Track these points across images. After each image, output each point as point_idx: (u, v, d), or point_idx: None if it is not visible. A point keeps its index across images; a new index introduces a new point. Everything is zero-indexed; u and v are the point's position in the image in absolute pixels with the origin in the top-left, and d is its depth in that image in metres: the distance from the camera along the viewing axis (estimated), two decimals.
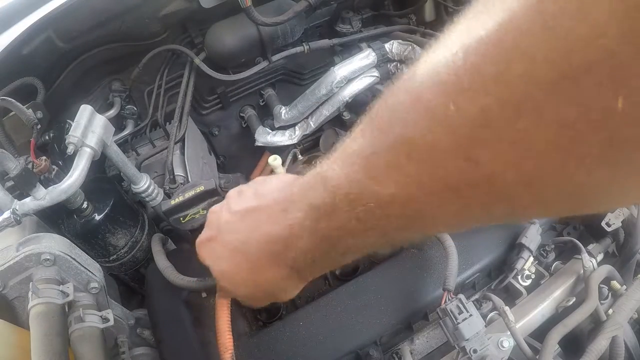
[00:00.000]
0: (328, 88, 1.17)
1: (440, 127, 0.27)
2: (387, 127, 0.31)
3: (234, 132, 1.38)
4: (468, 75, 0.25)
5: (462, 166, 0.27)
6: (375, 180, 0.32)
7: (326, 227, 0.38)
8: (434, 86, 0.27)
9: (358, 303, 0.78)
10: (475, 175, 0.27)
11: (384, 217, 0.33)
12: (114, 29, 1.02)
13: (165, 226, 1.09)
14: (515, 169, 0.25)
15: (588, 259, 0.83)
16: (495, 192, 0.27)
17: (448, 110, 0.26)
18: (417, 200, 0.31)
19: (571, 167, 0.23)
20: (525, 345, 0.72)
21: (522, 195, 0.27)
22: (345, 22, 1.30)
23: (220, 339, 0.56)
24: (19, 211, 0.75)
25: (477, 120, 0.25)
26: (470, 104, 0.25)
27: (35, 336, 0.58)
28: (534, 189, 0.26)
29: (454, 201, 0.29)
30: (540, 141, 0.23)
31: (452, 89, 0.25)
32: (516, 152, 0.24)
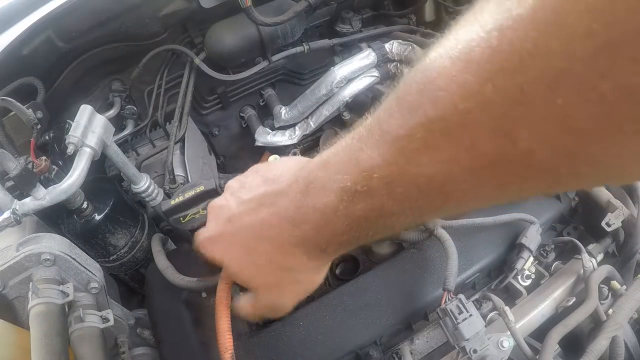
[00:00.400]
0: (328, 88, 1.17)
1: (476, 105, 0.27)
2: (419, 107, 0.30)
3: (234, 132, 1.38)
4: (505, 53, 0.24)
5: (501, 143, 0.27)
6: (412, 162, 0.32)
7: (362, 209, 0.37)
8: (468, 65, 0.27)
9: (358, 303, 0.78)
10: (514, 152, 0.27)
11: (422, 197, 0.33)
12: (114, 29, 1.02)
13: (165, 226, 1.09)
14: (553, 144, 0.25)
15: (588, 259, 0.83)
16: (534, 168, 0.27)
17: (485, 89, 0.26)
18: (455, 179, 0.31)
19: (608, 140, 0.24)
20: (525, 345, 0.72)
21: (560, 169, 0.27)
22: (345, 22, 1.30)
23: (221, 339, 0.56)
24: (19, 211, 0.75)
25: (514, 98, 0.25)
26: (508, 83, 0.25)
27: (35, 336, 0.58)
28: (571, 162, 0.26)
29: (493, 178, 0.30)
30: (577, 116, 0.23)
31: (489, 68, 0.25)
32: (554, 128, 0.25)
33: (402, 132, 0.32)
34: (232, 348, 0.55)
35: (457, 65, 0.27)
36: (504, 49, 0.25)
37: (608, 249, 0.91)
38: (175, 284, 0.76)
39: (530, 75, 0.24)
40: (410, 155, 0.32)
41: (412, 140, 0.31)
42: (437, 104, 0.29)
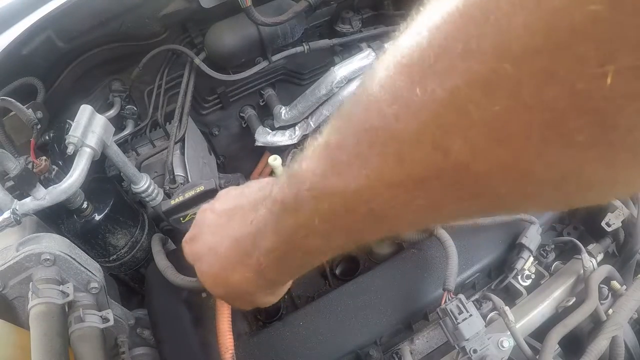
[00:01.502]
0: (328, 88, 1.17)
1: (405, 113, 0.24)
2: (352, 116, 0.29)
3: (234, 132, 1.38)
4: (433, 55, 0.22)
5: (430, 156, 0.24)
6: (339, 175, 0.30)
7: (290, 226, 0.36)
8: (399, 70, 0.25)
9: (358, 303, 0.78)
10: (445, 166, 0.24)
11: (348, 216, 0.31)
12: (114, 29, 1.02)
13: (165, 226, 1.09)
14: (488, 157, 0.23)
15: (588, 259, 0.83)
16: (468, 184, 0.25)
17: (414, 94, 0.23)
18: (382, 196, 0.28)
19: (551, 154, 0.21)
20: (525, 345, 0.72)
21: (498, 186, 0.24)
22: (345, 22, 1.30)
23: (221, 339, 0.56)
24: (19, 211, 0.75)
25: (445, 104, 0.22)
26: (437, 86, 0.22)
27: (35, 336, 0.58)
28: (511, 179, 0.23)
29: (422, 195, 0.27)
30: (515, 125, 0.21)
31: (417, 71, 0.23)
32: (489, 138, 0.22)
33: (334, 143, 0.30)
34: (233, 348, 0.55)
35: (388, 70, 0.26)
36: (433, 50, 0.23)
37: (608, 249, 0.91)
38: (175, 284, 0.76)
39: (461, 78, 0.21)
40: (339, 167, 0.30)
41: (343, 152, 0.29)
42: (367, 111, 0.27)
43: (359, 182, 0.29)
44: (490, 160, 0.23)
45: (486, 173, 0.23)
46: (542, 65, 0.19)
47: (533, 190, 0.24)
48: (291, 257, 0.40)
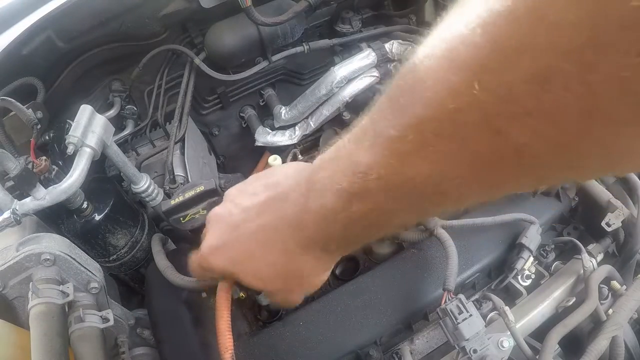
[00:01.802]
0: (328, 88, 1.17)
1: (465, 105, 0.26)
2: (410, 108, 0.30)
3: (234, 132, 1.38)
4: (489, 51, 0.24)
5: (492, 140, 0.27)
6: (406, 163, 0.32)
7: (361, 210, 0.37)
8: (454, 65, 0.26)
9: (358, 303, 0.78)
10: (506, 148, 0.27)
11: (419, 196, 0.33)
12: (114, 29, 1.02)
13: (165, 226, 1.09)
14: (544, 139, 0.25)
15: (588, 259, 0.83)
16: (526, 162, 0.27)
17: (472, 88, 0.25)
18: (450, 177, 0.31)
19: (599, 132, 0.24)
20: (525, 345, 0.72)
21: (552, 161, 0.27)
22: (345, 22, 1.30)
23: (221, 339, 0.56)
24: (19, 211, 0.75)
25: (502, 96, 0.25)
26: (494, 81, 0.24)
27: (35, 336, 0.58)
28: (564, 155, 0.26)
29: (486, 174, 0.30)
30: (567, 111, 0.23)
31: (474, 67, 0.25)
32: (544, 123, 0.24)
33: (395, 134, 0.32)
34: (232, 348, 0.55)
35: (442, 65, 0.27)
36: (488, 46, 0.24)
37: (608, 249, 0.91)
38: (175, 284, 0.76)
39: (516, 72, 0.23)
40: (403, 156, 0.32)
41: (404, 142, 0.31)
42: (427, 104, 0.29)
43: (427, 167, 0.31)
44: (546, 140, 0.25)
45: (542, 151, 0.26)
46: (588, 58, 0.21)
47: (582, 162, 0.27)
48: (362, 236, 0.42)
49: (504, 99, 0.25)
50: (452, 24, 0.27)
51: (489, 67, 0.24)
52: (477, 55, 0.25)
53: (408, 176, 0.32)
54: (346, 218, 0.39)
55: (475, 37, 0.25)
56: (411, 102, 0.30)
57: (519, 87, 0.24)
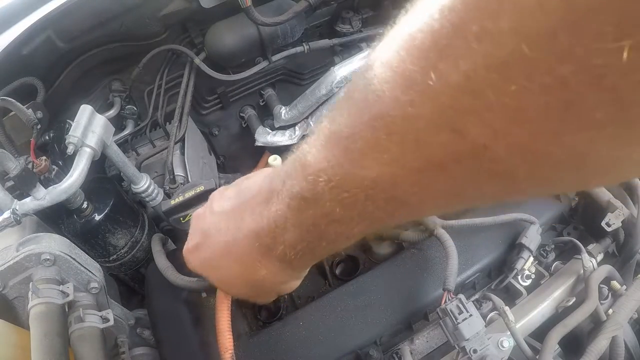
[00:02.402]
0: (328, 88, 1.17)
1: (420, 98, 0.24)
2: (363, 104, 0.28)
3: (234, 132, 1.38)
4: (447, 37, 0.22)
5: (448, 139, 0.24)
6: (356, 164, 0.29)
7: (311, 216, 0.35)
8: (411, 53, 0.24)
9: (358, 303, 0.78)
10: (463, 149, 0.24)
11: (370, 203, 0.31)
12: (114, 29, 1.02)
13: (165, 226, 1.09)
14: (506, 139, 0.22)
15: (588, 259, 0.83)
16: (486, 167, 0.25)
17: (428, 78, 0.23)
18: (402, 182, 0.28)
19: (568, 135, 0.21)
20: (525, 345, 0.72)
21: (517, 169, 0.24)
22: (345, 22, 1.30)
23: (220, 339, 0.56)
24: (19, 211, 0.75)
25: (460, 87, 0.22)
26: (452, 70, 0.22)
27: (35, 336, 0.58)
28: (529, 161, 0.23)
29: (442, 180, 0.27)
30: (532, 106, 0.20)
31: (431, 55, 0.23)
32: (506, 120, 0.22)
33: (347, 131, 0.30)
34: (232, 348, 0.55)
35: (399, 55, 0.25)
36: (446, 32, 0.22)
37: (608, 249, 0.91)
38: (175, 284, 0.76)
39: (476, 60, 0.21)
40: (354, 156, 0.29)
41: (356, 140, 0.29)
42: (380, 99, 0.26)
43: (379, 170, 0.29)
44: (508, 142, 0.22)
45: (504, 155, 0.23)
46: (558, 44, 0.18)
47: (551, 172, 0.24)
48: (315, 245, 0.40)
49: (461, 90, 0.22)
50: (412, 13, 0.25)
51: (446, 54, 0.22)
52: (434, 42, 0.22)
53: (358, 179, 0.30)
54: (298, 225, 0.38)
55: (433, 23, 0.22)
56: (365, 97, 0.28)
57: (478, 76, 0.21)
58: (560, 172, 0.24)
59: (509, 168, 0.24)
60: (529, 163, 0.23)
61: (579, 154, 0.22)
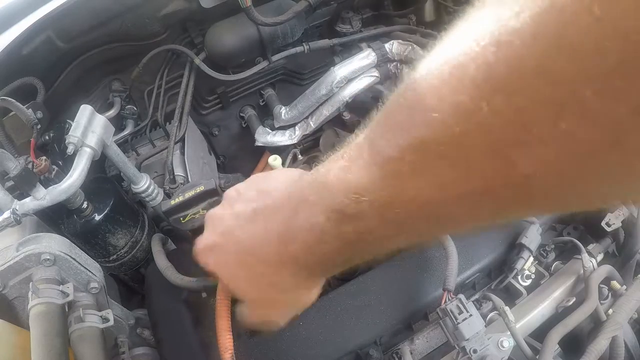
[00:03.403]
0: (328, 88, 1.17)
1: (472, 127, 0.24)
2: (410, 127, 0.28)
3: (234, 132, 1.38)
4: (502, 72, 0.22)
5: (499, 167, 0.25)
6: (404, 186, 0.30)
7: (352, 232, 0.35)
8: (461, 83, 0.24)
9: (358, 303, 0.78)
10: (512, 177, 0.25)
11: (415, 222, 0.31)
12: (114, 29, 1.02)
13: (165, 226, 1.09)
14: (556, 171, 0.23)
15: (588, 259, 0.83)
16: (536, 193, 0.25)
17: (480, 110, 0.23)
18: (450, 204, 0.29)
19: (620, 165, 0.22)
20: (525, 345, 0.72)
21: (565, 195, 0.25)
22: (345, 22, 1.30)
23: (220, 339, 0.56)
24: (19, 211, 0.75)
25: (513, 120, 0.23)
26: (506, 104, 0.22)
27: (35, 336, 0.58)
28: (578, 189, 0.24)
29: (488, 203, 0.28)
30: (584, 142, 0.21)
31: (485, 88, 0.23)
32: (557, 154, 0.22)
33: (393, 154, 0.29)
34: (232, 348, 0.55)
35: (449, 84, 0.25)
36: (501, 66, 0.22)
37: (608, 249, 0.91)
38: (175, 284, 0.76)
39: (531, 97, 0.21)
40: (401, 178, 0.30)
41: (403, 163, 0.29)
42: (430, 125, 0.26)
43: (427, 193, 0.29)
44: (557, 173, 0.23)
45: (554, 184, 0.24)
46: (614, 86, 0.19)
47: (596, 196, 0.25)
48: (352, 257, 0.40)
49: (515, 124, 0.23)
50: (459, 39, 0.25)
51: (501, 89, 0.22)
52: (489, 75, 0.23)
53: (405, 200, 0.30)
54: (335, 239, 0.37)
55: (487, 55, 0.22)
56: (411, 122, 0.28)
57: (532, 112, 0.22)
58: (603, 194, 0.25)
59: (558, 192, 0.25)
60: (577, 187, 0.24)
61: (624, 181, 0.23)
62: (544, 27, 0.20)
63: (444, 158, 0.27)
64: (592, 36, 0.19)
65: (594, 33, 0.18)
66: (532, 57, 0.21)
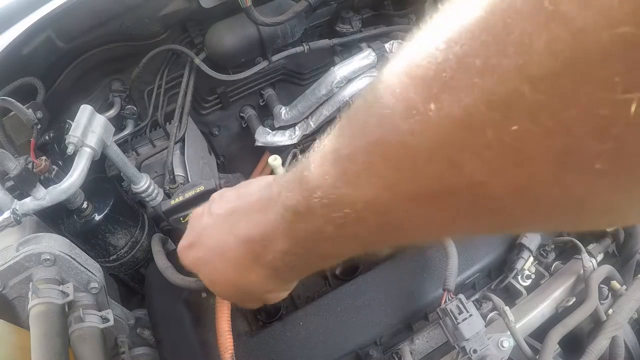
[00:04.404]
0: (328, 88, 1.17)
1: (419, 127, 0.24)
2: (364, 126, 0.28)
3: (234, 132, 1.38)
4: (450, 69, 0.21)
5: (444, 171, 0.24)
6: (350, 185, 0.29)
7: (302, 230, 0.36)
8: (413, 82, 0.24)
9: (358, 303, 0.78)
10: (459, 182, 0.24)
11: (360, 224, 0.31)
12: (114, 29, 1.02)
13: (165, 226, 1.09)
14: (504, 178, 0.22)
15: (588, 259, 0.83)
16: (482, 203, 0.24)
17: (428, 108, 0.23)
18: (395, 208, 0.28)
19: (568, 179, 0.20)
20: (525, 345, 0.72)
21: (513, 207, 0.24)
22: (345, 22, 1.30)
23: (220, 339, 0.56)
24: (19, 211, 0.75)
25: (461, 121, 0.22)
26: (453, 103, 0.22)
27: (35, 336, 0.58)
28: (526, 201, 0.23)
29: (435, 210, 0.27)
30: (532, 148, 0.20)
31: (433, 85, 0.22)
32: (505, 159, 0.21)
33: (346, 152, 0.29)
34: (232, 348, 0.55)
35: (402, 82, 0.24)
36: (450, 65, 0.21)
37: (608, 249, 0.91)
38: (175, 284, 0.76)
39: (478, 95, 0.20)
40: (350, 178, 0.29)
41: (354, 162, 0.29)
42: (381, 123, 0.26)
43: (371, 194, 0.28)
44: (506, 181, 0.22)
45: (501, 193, 0.23)
46: (564, 88, 0.18)
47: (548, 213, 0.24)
48: (305, 259, 0.40)
49: (461, 124, 0.22)
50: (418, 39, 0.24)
51: (449, 86, 0.22)
52: (437, 74, 0.22)
53: (350, 201, 0.30)
54: (289, 237, 0.38)
55: (437, 53, 0.22)
56: (366, 121, 0.28)
57: (479, 112, 0.21)
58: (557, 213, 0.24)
59: (506, 205, 0.24)
60: (527, 203, 0.23)
61: (578, 197, 0.21)
62: (492, 21, 0.19)
63: (389, 159, 0.26)
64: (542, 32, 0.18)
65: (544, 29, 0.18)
66: (479, 55, 0.20)
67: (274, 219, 0.39)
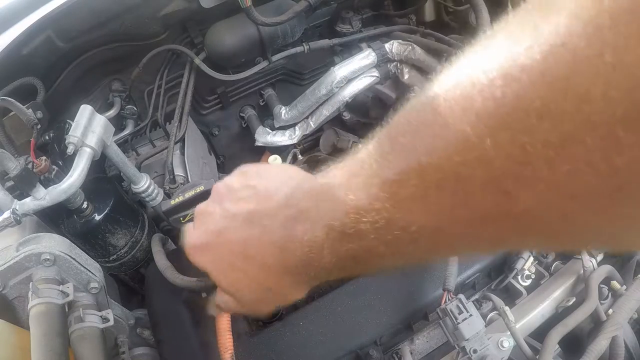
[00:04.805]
0: (328, 88, 1.17)
1: (474, 160, 0.24)
2: (412, 151, 0.28)
3: (234, 132, 1.38)
4: (508, 108, 0.22)
5: (499, 199, 0.25)
6: (402, 210, 0.30)
7: (350, 249, 0.35)
8: (467, 114, 0.24)
9: (358, 303, 0.78)
10: (513, 209, 0.25)
11: (413, 244, 0.31)
12: (114, 29, 1.02)
13: (165, 226, 1.09)
14: (555, 209, 0.23)
15: (588, 259, 0.83)
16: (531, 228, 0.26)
17: (484, 144, 0.23)
18: (448, 231, 0.29)
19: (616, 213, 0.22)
20: (525, 345, 0.72)
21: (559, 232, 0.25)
22: (345, 22, 1.30)
23: (220, 339, 0.57)
24: (19, 211, 0.75)
25: (516, 157, 0.23)
26: (510, 141, 0.22)
27: (35, 336, 0.58)
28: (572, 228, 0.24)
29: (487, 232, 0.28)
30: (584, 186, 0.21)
31: (490, 122, 0.23)
32: (557, 193, 0.22)
33: (393, 177, 0.30)
34: (232, 348, 0.55)
35: (455, 112, 0.25)
36: (508, 103, 0.22)
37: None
38: (175, 284, 0.76)
39: (535, 136, 0.21)
40: (401, 202, 0.30)
41: (403, 187, 0.29)
42: (432, 152, 0.27)
43: (426, 219, 0.29)
44: (557, 211, 0.23)
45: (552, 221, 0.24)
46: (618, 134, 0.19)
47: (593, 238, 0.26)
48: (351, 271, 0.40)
49: (516, 160, 0.23)
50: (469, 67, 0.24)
51: (505, 125, 0.22)
52: (495, 110, 0.23)
53: (403, 224, 0.30)
54: (332, 255, 0.37)
55: (494, 90, 0.22)
56: (414, 146, 0.28)
57: (535, 151, 0.22)
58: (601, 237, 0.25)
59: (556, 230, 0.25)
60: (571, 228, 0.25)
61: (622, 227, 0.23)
62: (553, 66, 0.20)
63: (442, 187, 0.27)
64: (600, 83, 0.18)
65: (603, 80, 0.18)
66: (539, 97, 0.21)
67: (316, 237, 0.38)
